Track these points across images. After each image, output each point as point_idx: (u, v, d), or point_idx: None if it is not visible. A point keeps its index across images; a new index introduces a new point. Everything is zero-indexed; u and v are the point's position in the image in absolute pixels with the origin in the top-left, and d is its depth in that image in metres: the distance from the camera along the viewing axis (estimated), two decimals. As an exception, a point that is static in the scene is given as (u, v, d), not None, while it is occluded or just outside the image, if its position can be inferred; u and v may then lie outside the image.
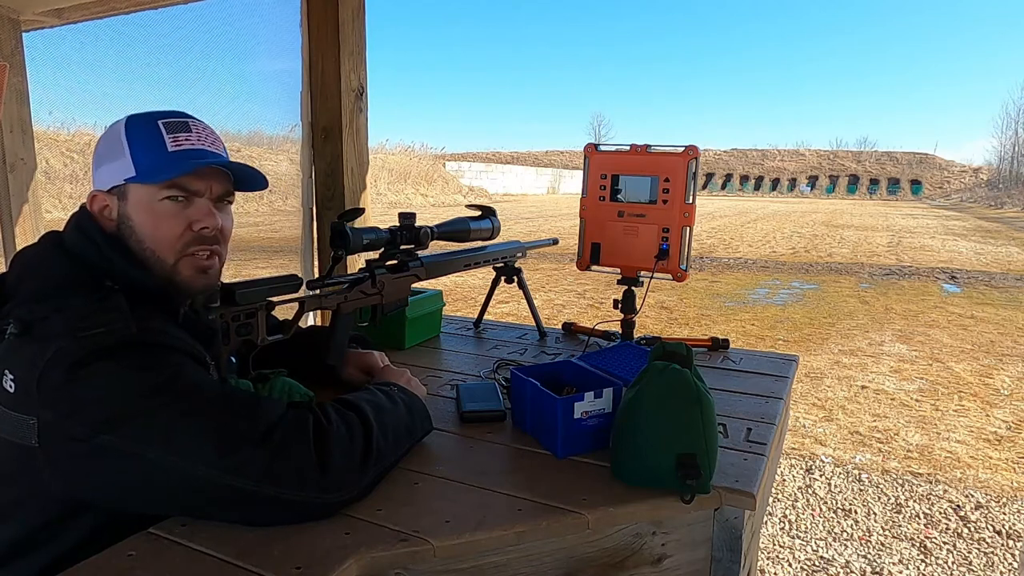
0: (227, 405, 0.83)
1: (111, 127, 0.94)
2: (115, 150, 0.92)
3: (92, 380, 0.78)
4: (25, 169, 2.48)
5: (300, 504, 0.82)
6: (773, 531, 2.57)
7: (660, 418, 0.93)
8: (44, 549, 0.83)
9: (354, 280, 1.30)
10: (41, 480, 0.80)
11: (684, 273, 1.56)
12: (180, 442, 0.78)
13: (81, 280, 0.86)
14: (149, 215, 0.91)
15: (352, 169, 2.00)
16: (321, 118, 1.98)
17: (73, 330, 0.79)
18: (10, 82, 2.35)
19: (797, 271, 9.46)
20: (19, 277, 0.87)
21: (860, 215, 24.10)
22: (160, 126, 0.92)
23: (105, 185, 0.92)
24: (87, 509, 0.82)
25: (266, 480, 0.79)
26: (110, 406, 0.78)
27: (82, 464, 0.79)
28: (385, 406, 0.98)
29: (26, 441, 0.79)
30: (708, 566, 0.97)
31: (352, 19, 1.93)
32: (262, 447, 0.80)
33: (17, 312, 0.82)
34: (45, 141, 13.14)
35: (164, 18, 2.40)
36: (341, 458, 0.85)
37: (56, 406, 0.78)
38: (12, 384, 0.80)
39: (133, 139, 0.91)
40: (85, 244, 0.89)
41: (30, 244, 0.92)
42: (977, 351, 5.12)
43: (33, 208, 2.53)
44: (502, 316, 5.55)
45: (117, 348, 0.80)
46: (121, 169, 0.91)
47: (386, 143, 30.85)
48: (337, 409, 0.91)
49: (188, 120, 0.95)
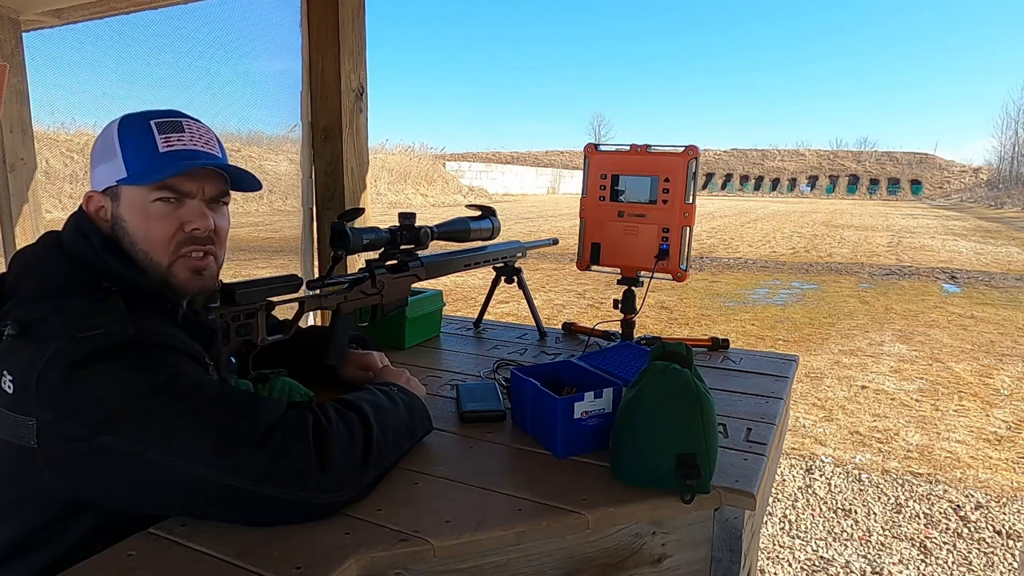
0: (227, 405, 0.83)
1: (107, 127, 0.94)
2: (109, 151, 0.92)
3: (91, 381, 0.78)
4: (25, 169, 2.48)
5: (300, 504, 0.82)
6: (773, 531, 2.57)
7: (660, 418, 0.93)
8: (44, 549, 0.83)
9: (354, 280, 1.30)
10: (40, 480, 0.80)
11: (684, 273, 1.56)
12: (180, 442, 0.78)
13: (79, 280, 0.86)
14: (141, 216, 0.90)
15: (352, 169, 2.00)
16: (321, 118, 1.98)
17: (71, 331, 0.79)
18: (10, 82, 2.35)
19: (797, 271, 9.46)
20: (18, 277, 0.87)
21: (860, 215, 24.10)
22: (152, 126, 0.91)
23: (100, 186, 0.92)
24: (87, 509, 0.82)
25: (266, 480, 0.79)
26: (109, 406, 0.78)
27: (82, 464, 0.79)
28: (385, 406, 0.98)
29: (25, 442, 0.79)
30: (708, 566, 0.97)
31: (352, 19, 1.93)
32: (262, 447, 0.80)
33: (15, 313, 0.82)
34: (45, 141, 13.14)
35: (164, 18, 2.40)
36: (341, 458, 0.85)
37: (55, 407, 0.78)
38: (11, 385, 0.80)
39: (125, 140, 0.91)
40: (83, 245, 0.89)
41: (29, 244, 0.92)
42: (977, 351, 5.12)
43: (33, 208, 2.53)
44: (502, 316, 5.55)
45: (115, 349, 0.80)
46: (114, 170, 0.91)
47: (386, 143, 30.86)
48: (337, 409, 0.91)
49: (181, 120, 0.94)
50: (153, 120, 0.92)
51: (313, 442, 0.83)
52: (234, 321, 1.04)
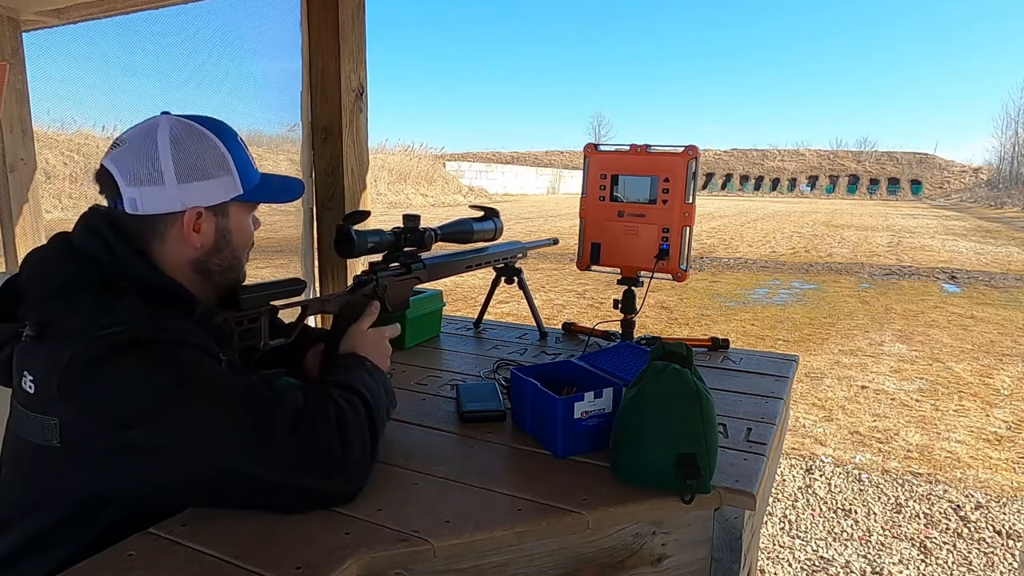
0: (253, 398, 0.84)
1: (197, 133, 0.92)
2: (218, 164, 0.92)
3: (113, 378, 0.79)
4: (25, 169, 2.48)
5: (325, 493, 0.86)
6: (773, 531, 2.57)
7: (660, 418, 0.93)
8: (62, 546, 0.83)
9: (357, 283, 1.30)
10: (62, 480, 0.82)
11: (684, 273, 1.56)
12: (209, 435, 0.80)
13: (91, 280, 0.86)
14: (242, 230, 0.99)
15: (352, 169, 2.00)
16: (321, 118, 1.97)
17: (90, 329, 0.79)
18: (10, 82, 2.35)
19: (797, 271, 9.46)
20: (30, 278, 0.88)
21: (860, 215, 24.10)
22: (241, 142, 0.97)
23: (208, 201, 0.93)
24: (106, 506, 0.83)
25: (294, 471, 0.82)
26: (133, 402, 0.79)
27: (108, 461, 0.80)
28: (376, 391, 1.00)
29: (48, 442, 0.80)
30: (708, 566, 0.97)
31: (352, 19, 1.93)
32: (290, 439, 0.83)
33: (32, 314, 0.83)
34: (45, 141, 13.12)
35: (164, 17, 2.40)
36: (359, 446, 0.88)
37: (78, 405, 0.79)
38: (32, 385, 0.81)
39: (235, 156, 0.94)
40: (95, 244, 0.89)
41: (40, 245, 0.92)
42: (977, 351, 5.12)
43: (33, 208, 2.53)
44: (502, 316, 5.55)
45: (135, 345, 0.80)
46: (229, 186, 0.94)
47: (386, 143, 30.85)
48: (344, 396, 0.93)
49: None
50: (238, 136, 0.97)
51: (337, 433, 0.86)
52: (238, 326, 1.03)
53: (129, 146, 0.89)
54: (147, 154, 0.88)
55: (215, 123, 0.95)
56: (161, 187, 0.88)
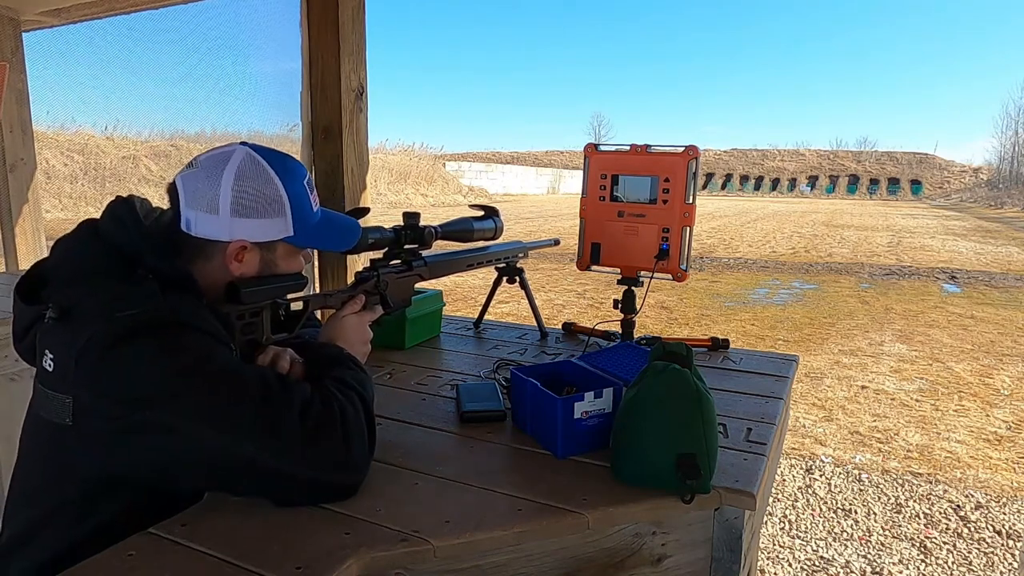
0: (266, 385, 0.86)
1: (262, 171, 0.95)
2: (272, 205, 0.95)
3: (128, 359, 0.80)
4: (25, 169, 2.49)
5: (334, 485, 0.87)
6: (773, 531, 2.57)
7: (660, 418, 0.92)
8: (78, 526, 0.85)
9: (359, 280, 1.30)
10: (72, 459, 0.84)
11: (684, 273, 1.56)
12: (222, 421, 0.81)
13: (115, 265, 0.88)
14: (290, 266, 1.03)
15: (352, 169, 2.00)
16: (321, 118, 1.97)
17: (109, 311, 0.82)
18: (10, 82, 2.35)
19: (797, 271, 9.46)
20: (57, 263, 0.91)
21: (860, 215, 24.10)
22: (306, 186, 1.00)
23: (257, 237, 0.96)
24: (118, 488, 0.84)
25: (305, 462, 0.84)
26: (147, 384, 0.80)
27: (116, 441, 0.81)
28: (365, 382, 1.01)
29: (62, 420, 0.82)
30: (708, 566, 0.97)
31: (352, 19, 1.93)
32: (301, 430, 0.84)
33: (55, 296, 0.86)
34: (45, 141, 13.12)
35: (164, 17, 2.40)
36: (360, 439, 0.90)
37: (92, 385, 0.80)
38: (51, 364, 0.84)
39: (293, 199, 0.97)
40: (120, 232, 0.91)
41: (68, 232, 0.95)
42: (977, 351, 5.12)
43: (33, 208, 2.53)
44: (502, 316, 5.55)
45: (152, 328, 0.82)
46: (281, 227, 0.97)
47: (386, 143, 30.86)
48: (339, 389, 0.94)
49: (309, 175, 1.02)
50: (305, 180, 1.00)
51: (341, 426, 0.88)
52: (239, 319, 1.04)
53: (200, 171, 0.94)
54: (211, 182, 0.93)
55: (284, 164, 0.98)
56: (215, 216, 0.93)
